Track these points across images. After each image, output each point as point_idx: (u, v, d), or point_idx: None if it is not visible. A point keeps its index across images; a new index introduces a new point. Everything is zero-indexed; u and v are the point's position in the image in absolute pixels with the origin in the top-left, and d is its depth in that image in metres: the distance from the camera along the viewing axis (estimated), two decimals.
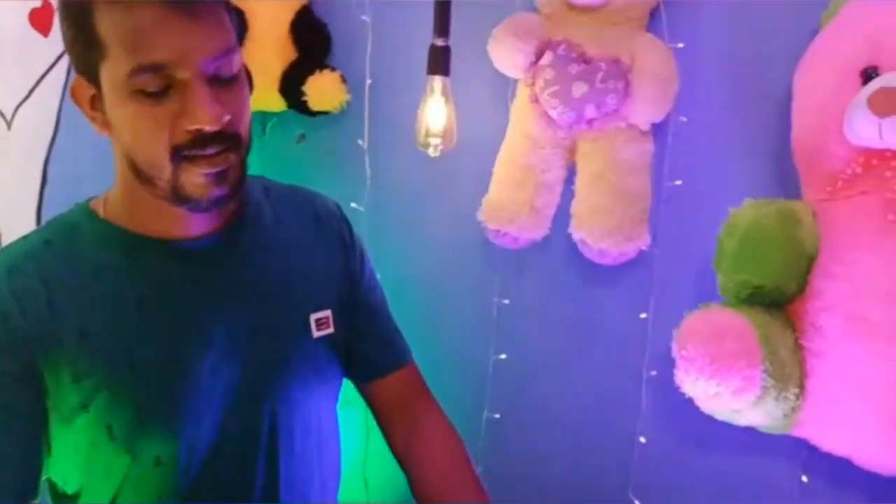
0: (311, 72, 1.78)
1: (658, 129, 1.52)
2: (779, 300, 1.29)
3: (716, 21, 1.49)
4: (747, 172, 1.49)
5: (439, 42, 1.44)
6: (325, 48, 1.85)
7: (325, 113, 1.82)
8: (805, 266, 1.27)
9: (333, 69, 1.79)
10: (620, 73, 1.45)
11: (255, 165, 2.16)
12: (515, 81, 1.58)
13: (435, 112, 1.47)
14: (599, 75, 1.44)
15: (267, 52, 1.81)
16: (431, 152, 1.49)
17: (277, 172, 2.07)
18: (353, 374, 1.31)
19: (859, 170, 1.22)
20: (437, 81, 1.46)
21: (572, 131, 1.50)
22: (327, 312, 1.20)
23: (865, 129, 1.17)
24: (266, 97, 1.84)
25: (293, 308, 1.17)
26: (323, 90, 1.78)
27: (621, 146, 1.49)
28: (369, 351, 1.30)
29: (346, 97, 1.79)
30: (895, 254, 1.17)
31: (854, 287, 1.21)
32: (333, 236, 1.27)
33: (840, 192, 1.25)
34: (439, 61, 1.45)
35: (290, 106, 1.85)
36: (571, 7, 1.50)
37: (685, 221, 1.53)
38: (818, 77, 1.29)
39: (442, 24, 1.43)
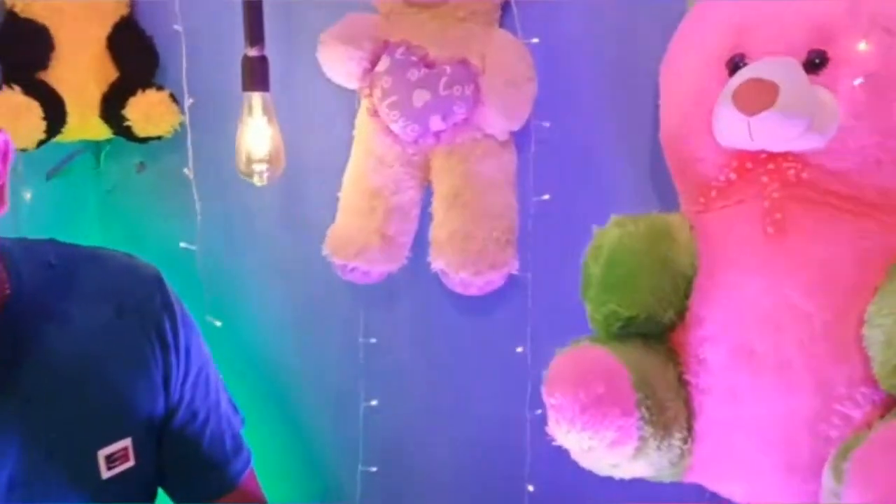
0: (133, 92, 1.55)
1: (519, 138, 1.33)
2: (656, 331, 1.11)
3: (576, 12, 1.31)
4: (624, 181, 1.32)
5: (252, 52, 1.23)
6: (150, 64, 1.61)
7: (158, 138, 1.59)
8: (683, 290, 1.09)
9: (160, 87, 1.57)
10: (468, 77, 1.26)
11: (92, 201, 1.97)
12: None
13: (256, 134, 1.26)
14: (443, 80, 1.25)
15: (81, 72, 1.56)
16: (257, 181, 1.28)
17: (117, 209, 1.87)
18: (172, 496, 1.08)
19: (733, 176, 1.05)
20: (256, 98, 1.25)
21: (420, 146, 1.30)
22: (125, 442, 0.94)
23: (734, 130, 0.99)
24: (86, 124, 1.60)
25: (71, 446, 0.91)
26: (148, 113, 1.55)
27: (478, 160, 1.30)
28: (192, 478, 1.06)
29: (179, 119, 1.56)
30: (779, 273, 1.00)
31: (736, 313, 1.03)
32: (144, 333, 0.99)
33: (715, 201, 1.08)
34: (255, 75, 1.23)
35: (115, 133, 1.61)
36: (410, 3, 1.30)
37: (558, 240, 1.33)
38: (682, 69, 1.11)
39: (253, 31, 1.22)
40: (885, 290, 0.93)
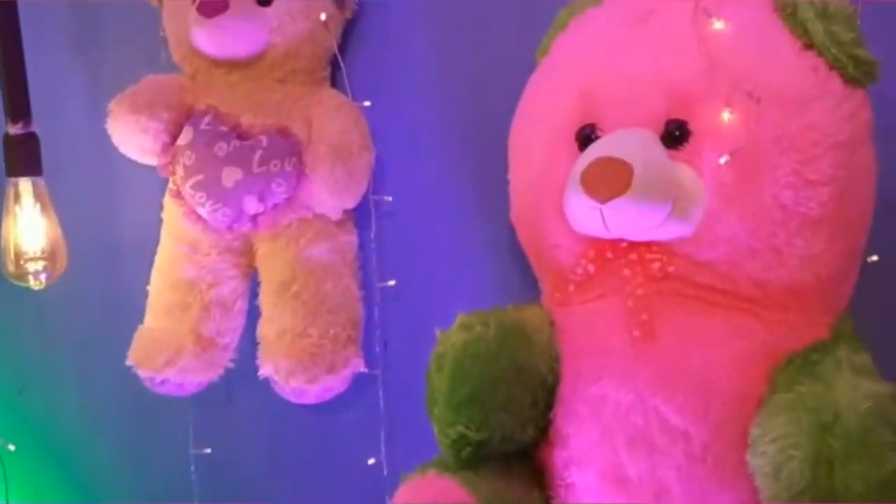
0: None
1: (358, 215, 1.15)
2: (516, 449, 0.94)
3: (415, 70, 1.14)
4: (478, 260, 1.14)
5: (15, 129, 1.00)
6: None
7: None
8: (543, 402, 0.91)
9: None
10: (289, 149, 1.06)
11: None
12: None
13: (27, 228, 1.02)
14: (258, 155, 1.05)
15: None
16: (33, 284, 1.04)
17: None
18: None
19: (591, 268, 0.88)
20: (24, 185, 1.02)
21: (237, 232, 1.10)
22: None
23: (586, 217, 0.83)
24: None
25: None
26: None
27: (309, 243, 1.10)
28: None
29: None
30: (649, 384, 0.84)
31: (604, 431, 0.87)
32: None
33: (574, 296, 0.91)
34: (21, 157, 1.00)
35: None
36: (219, 64, 1.10)
37: (410, 330, 1.16)
38: (530, 140, 0.94)
39: (14, 102, 0.99)
40: (769, 406, 0.78)
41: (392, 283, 1.14)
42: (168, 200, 1.13)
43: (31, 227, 1.02)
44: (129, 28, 1.22)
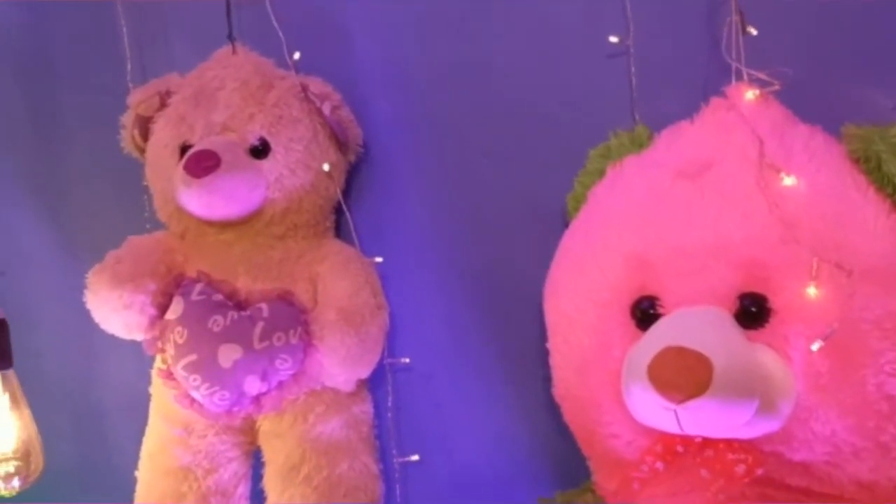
0: None
1: (373, 381, 1.02)
2: None
3: (429, 223, 1.02)
4: (514, 427, 1.00)
5: None
6: None
7: None
8: None
9: None
10: (293, 318, 0.93)
11: None
12: None
13: None
14: (259, 328, 0.92)
15: None
16: (3, 491, 0.90)
17: None
18: None
19: (660, 465, 0.75)
20: None
21: (236, 415, 0.96)
22: None
23: (656, 416, 0.71)
24: None
25: None
26: None
27: (319, 419, 0.97)
28: None
29: None
30: None
31: None
32: None
33: (638, 495, 0.78)
34: None
35: None
36: (211, 222, 0.98)
37: None
38: (572, 308, 0.82)
39: None
40: None
41: (415, 457, 1.01)
42: (157, 379, 0.99)
43: (2, 426, 0.89)
44: (108, 179, 1.11)
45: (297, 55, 0.99)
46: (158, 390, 1.00)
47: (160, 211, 1.02)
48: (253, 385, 0.92)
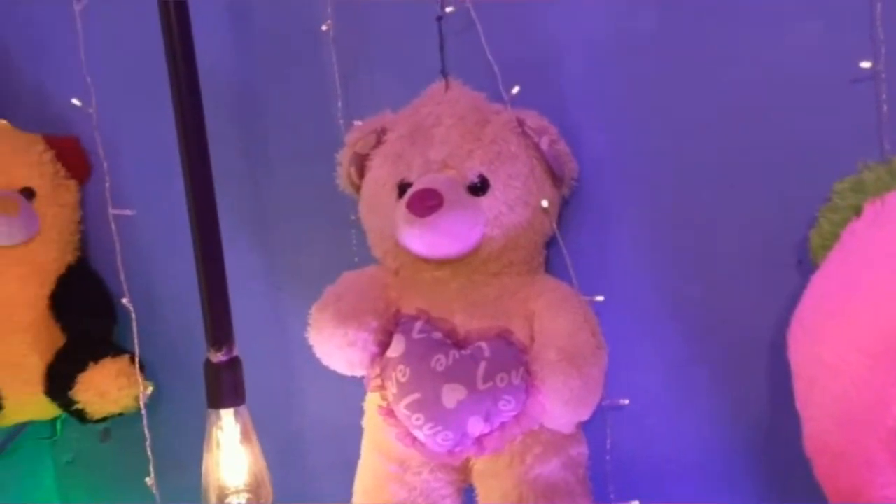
0: (82, 365, 1.23)
1: (590, 422, 0.98)
2: None
3: (655, 263, 0.98)
4: (741, 478, 0.95)
5: (218, 357, 0.89)
6: (105, 321, 1.30)
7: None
8: None
9: (118, 352, 1.24)
10: (514, 358, 0.92)
11: (48, 476, 1.63)
12: None
13: (229, 461, 0.91)
14: (481, 368, 0.91)
15: (17, 344, 1.24)
16: None
17: (78, 483, 1.53)
18: None
19: None
20: (227, 416, 0.91)
21: (458, 455, 0.95)
22: None
23: None
24: (28, 405, 1.27)
25: None
26: (103, 389, 1.22)
27: (537, 460, 0.94)
28: None
29: (145, 388, 1.23)
30: None
31: None
32: None
33: None
34: (224, 387, 0.90)
35: (63, 411, 1.28)
36: (426, 259, 0.98)
37: None
38: (834, 358, 0.76)
39: (217, 328, 0.89)
40: None
41: (635, 503, 0.97)
42: (373, 415, 1.00)
43: (234, 460, 0.91)
44: (315, 214, 1.14)
45: (515, 90, 0.98)
46: (374, 426, 1.01)
47: (375, 247, 1.03)
48: (476, 426, 0.91)
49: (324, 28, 1.09)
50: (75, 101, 1.12)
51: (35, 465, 1.45)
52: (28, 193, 1.25)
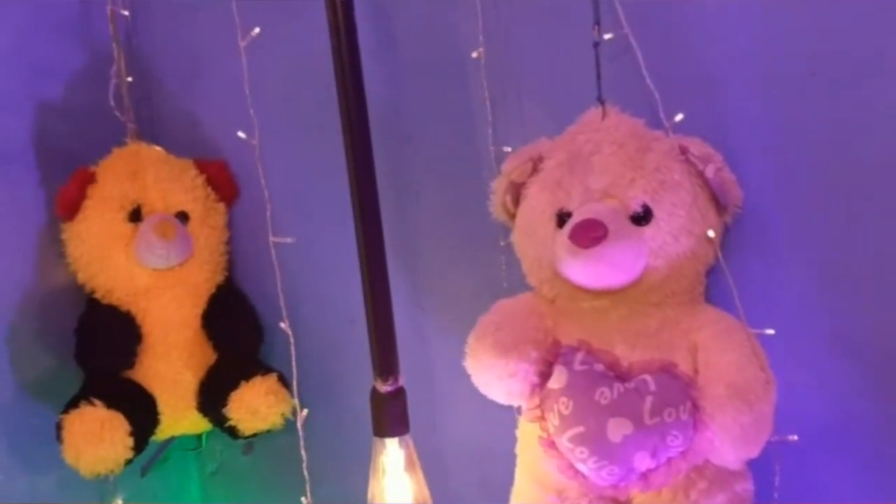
0: (234, 384, 1.27)
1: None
2: None
3: (816, 288, 0.95)
4: None
5: (385, 387, 0.91)
6: (253, 338, 1.34)
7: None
8: None
9: (267, 371, 1.28)
10: (681, 392, 0.90)
11: (193, 487, 1.70)
12: None
13: (394, 490, 0.93)
14: (648, 403, 0.89)
15: (173, 361, 1.29)
16: None
17: (222, 495, 1.59)
18: None
19: None
20: (392, 444, 0.93)
21: (621, 489, 0.94)
22: None
23: None
24: (181, 420, 1.32)
25: None
26: (254, 407, 1.25)
27: (702, 496, 0.92)
28: None
29: (290, 405, 1.27)
30: None
31: None
32: None
33: None
34: (390, 416, 0.92)
35: (215, 426, 1.33)
36: (586, 289, 0.97)
37: None
38: None
39: (384, 359, 0.90)
40: None
41: None
42: (528, 443, 1.00)
43: (399, 489, 0.93)
44: (461, 240, 1.14)
45: (679, 117, 0.96)
46: (530, 455, 1.00)
47: (530, 275, 1.02)
48: (642, 461, 0.90)
49: (474, 55, 1.09)
50: (241, 134, 1.15)
51: (181, 476, 1.52)
52: (182, 217, 1.30)
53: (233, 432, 1.28)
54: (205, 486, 1.53)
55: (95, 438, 1.18)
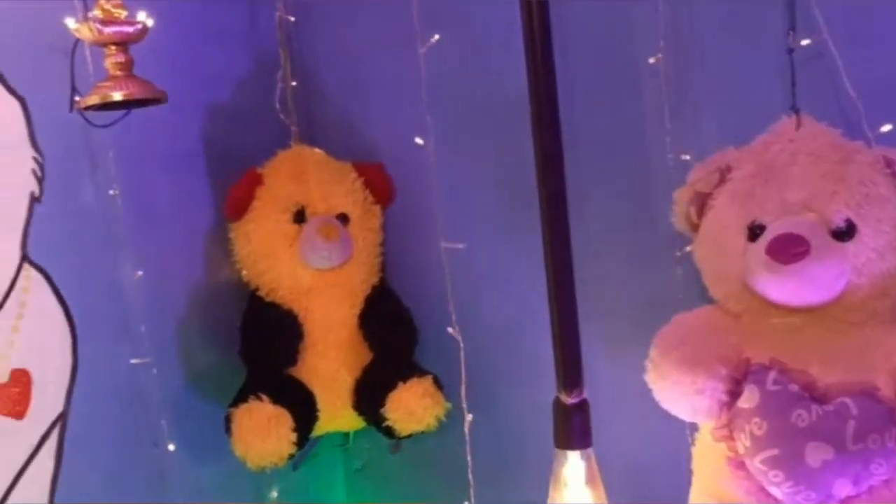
0: (391, 384, 1.28)
1: None
2: None
3: None
4: None
5: (570, 399, 0.90)
6: (408, 339, 1.36)
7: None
8: None
9: (423, 373, 1.29)
10: (885, 417, 0.85)
11: (339, 483, 1.73)
12: None
13: (574, 500, 0.92)
14: (850, 427, 0.85)
15: (331, 360, 1.32)
16: None
17: (366, 492, 1.61)
18: None
19: None
20: (574, 458, 0.92)
21: None
22: None
23: None
24: (336, 417, 1.35)
25: None
26: (411, 408, 1.27)
27: None
28: None
29: (445, 408, 1.28)
30: None
31: None
32: None
33: None
34: (573, 429, 0.90)
35: (369, 425, 1.35)
36: (777, 305, 0.93)
37: None
38: None
39: (568, 370, 0.89)
40: None
41: None
42: (708, 460, 0.97)
43: (579, 501, 0.92)
44: (625, 252, 1.12)
45: (887, 128, 0.91)
46: (711, 473, 0.97)
47: (714, 288, 0.99)
48: (843, 488, 0.86)
49: (651, 61, 1.07)
50: (418, 140, 1.16)
51: (329, 471, 1.55)
52: (343, 219, 1.33)
53: (389, 432, 1.30)
54: (349, 482, 1.56)
55: (263, 433, 1.22)
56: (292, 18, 1.38)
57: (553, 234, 0.88)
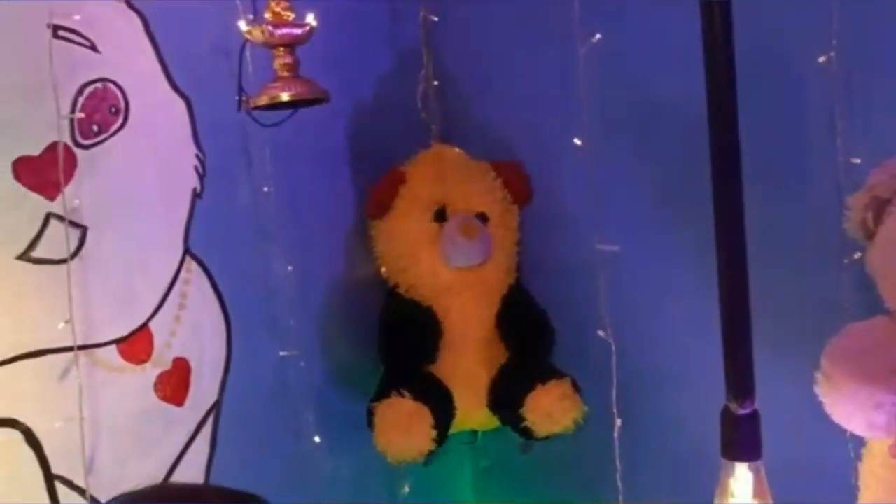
0: (530, 385, 1.28)
1: None
2: None
3: None
4: None
5: (741, 410, 0.87)
6: (544, 340, 1.35)
7: None
8: None
9: (562, 375, 1.28)
10: None
11: (467, 482, 1.73)
12: None
13: None
14: None
15: (469, 358, 1.33)
16: None
17: (492, 492, 1.60)
18: None
19: None
20: (741, 470, 0.89)
21: None
22: None
23: None
24: (471, 416, 1.35)
25: None
26: (550, 411, 1.26)
27: None
28: None
29: (583, 411, 1.26)
30: None
31: None
32: None
33: None
34: (741, 441, 0.88)
35: (505, 424, 1.35)
36: None
37: None
38: None
39: (739, 383, 0.86)
40: None
41: None
42: (879, 476, 0.93)
43: None
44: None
45: None
46: (884, 494, 0.93)
47: (892, 298, 0.95)
48: None
49: (821, 60, 1.02)
50: (576, 141, 1.15)
51: (457, 467, 1.56)
52: (482, 218, 1.33)
53: (526, 433, 1.29)
54: (475, 480, 1.57)
55: (404, 429, 1.23)
56: (435, 18, 1.39)
57: (729, 242, 0.85)
